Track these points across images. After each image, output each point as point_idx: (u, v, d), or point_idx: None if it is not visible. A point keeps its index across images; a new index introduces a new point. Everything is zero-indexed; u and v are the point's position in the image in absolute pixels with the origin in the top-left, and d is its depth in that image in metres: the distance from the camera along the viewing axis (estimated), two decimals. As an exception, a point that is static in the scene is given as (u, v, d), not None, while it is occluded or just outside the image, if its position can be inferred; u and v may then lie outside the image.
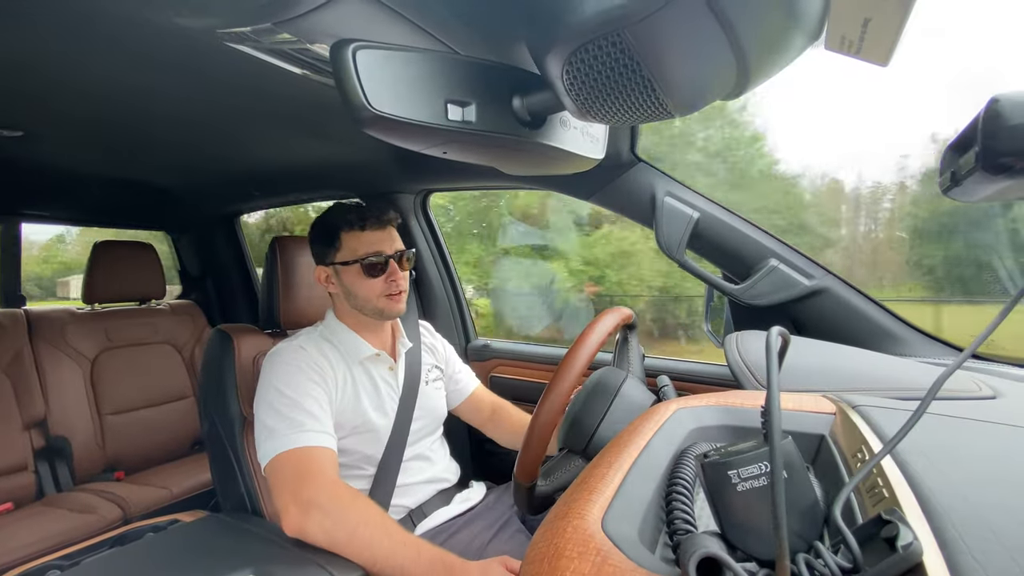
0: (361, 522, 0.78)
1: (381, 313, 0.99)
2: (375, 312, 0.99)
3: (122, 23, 0.68)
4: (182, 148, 1.37)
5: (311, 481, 0.80)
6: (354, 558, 0.76)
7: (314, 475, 0.81)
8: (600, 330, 0.78)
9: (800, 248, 1.07)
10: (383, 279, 0.97)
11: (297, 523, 0.78)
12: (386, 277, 0.98)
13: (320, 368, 0.93)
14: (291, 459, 0.82)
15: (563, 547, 0.37)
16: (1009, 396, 0.67)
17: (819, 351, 0.93)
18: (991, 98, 0.36)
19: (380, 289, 0.97)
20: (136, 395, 1.89)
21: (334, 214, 1.00)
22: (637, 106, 0.43)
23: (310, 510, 0.78)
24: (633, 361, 0.97)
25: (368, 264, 0.96)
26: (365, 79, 0.41)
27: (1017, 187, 0.37)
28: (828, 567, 0.31)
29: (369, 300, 0.98)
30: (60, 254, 4.06)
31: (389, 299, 0.98)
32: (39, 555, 1.27)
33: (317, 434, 0.85)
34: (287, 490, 0.80)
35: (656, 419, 0.58)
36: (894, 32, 0.36)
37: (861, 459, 0.42)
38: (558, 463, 0.79)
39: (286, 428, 0.84)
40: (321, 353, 0.96)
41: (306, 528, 0.78)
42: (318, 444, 0.85)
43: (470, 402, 1.22)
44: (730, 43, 0.37)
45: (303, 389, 0.88)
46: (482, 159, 0.58)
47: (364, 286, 0.97)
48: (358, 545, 0.76)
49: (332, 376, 0.95)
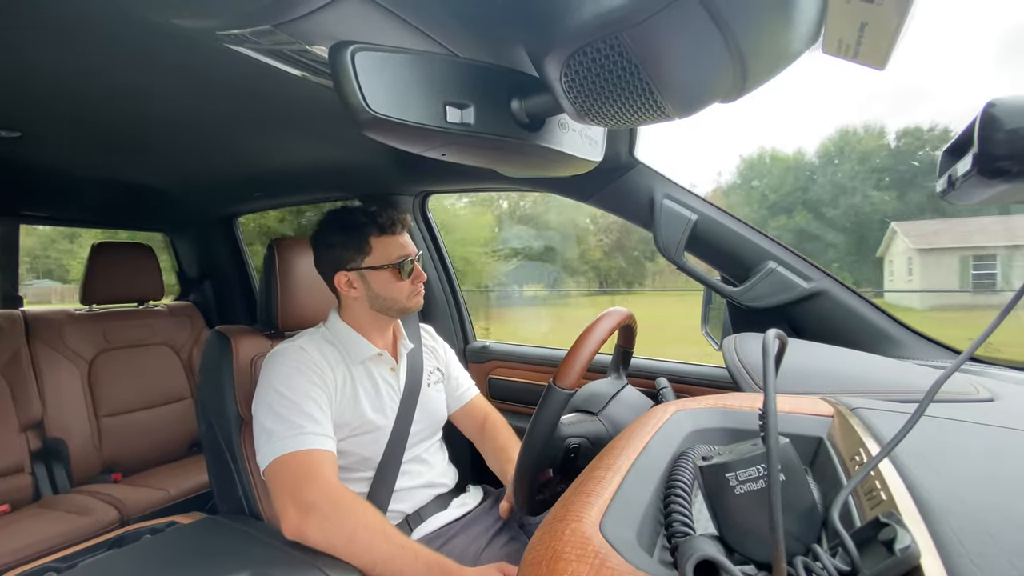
0: (360, 525, 0.78)
1: (407, 311, 1.04)
2: (401, 311, 1.03)
3: (121, 24, 0.68)
4: (181, 149, 1.37)
5: (310, 484, 0.80)
6: (353, 561, 0.76)
7: (313, 478, 0.81)
8: (596, 337, 0.78)
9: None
10: (411, 280, 1.02)
11: (296, 526, 0.78)
12: (414, 278, 1.02)
13: (320, 370, 0.93)
14: (290, 462, 0.82)
15: (561, 550, 0.37)
16: (1006, 399, 0.68)
17: (817, 354, 0.93)
18: (987, 102, 0.36)
19: (409, 290, 1.02)
20: (134, 397, 1.89)
21: (358, 219, 1.00)
22: (636, 109, 0.43)
23: (309, 513, 0.78)
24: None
25: (404, 268, 1.00)
26: (364, 81, 0.41)
27: (1013, 191, 0.37)
28: (826, 570, 0.31)
29: (399, 301, 1.01)
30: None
31: (414, 298, 1.03)
32: (36, 557, 1.26)
33: (317, 437, 0.85)
34: (286, 493, 0.80)
35: (654, 421, 0.58)
36: (891, 36, 0.36)
37: (859, 462, 0.42)
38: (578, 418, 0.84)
39: (285, 431, 0.84)
40: (322, 355, 0.96)
41: (305, 531, 0.78)
42: (318, 447, 0.85)
43: (467, 410, 1.23)
44: (728, 46, 0.37)
45: (303, 391, 0.88)
46: (481, 161, 0.58)
47: (396, 288, 1.00)
48: (357, 548, 0.77)
49: (332, 378, 0.95)
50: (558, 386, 0.72)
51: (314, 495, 0.79)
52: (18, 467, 1.61)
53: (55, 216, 2.10)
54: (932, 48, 3.76)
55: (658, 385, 1.06)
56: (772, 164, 7.49)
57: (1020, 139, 0.34)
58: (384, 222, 1.00)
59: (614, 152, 1.08)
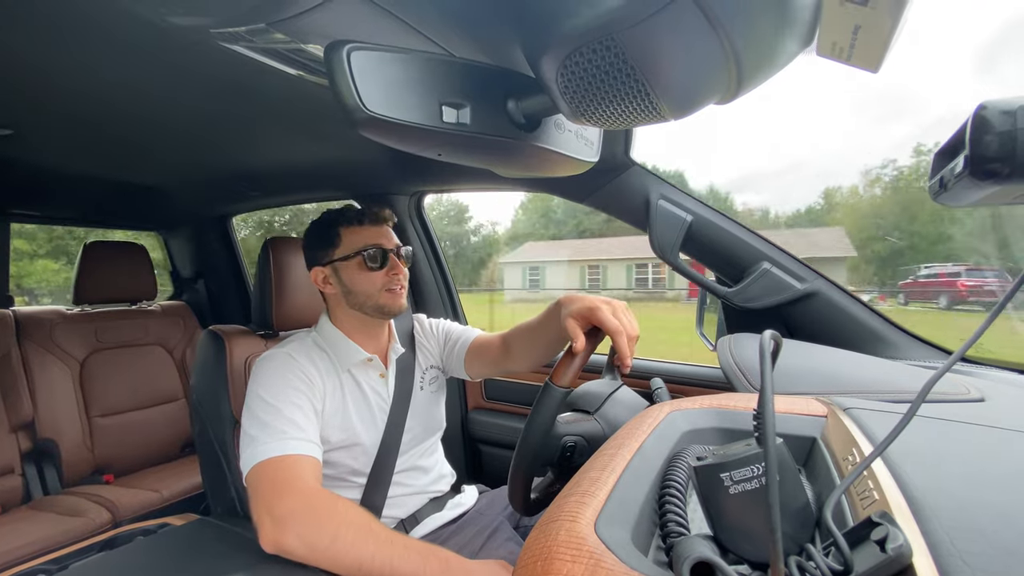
0: (342, 525, 0.74)
1: (382, 309, 0.97)
2: (376, 309, 0.97)
3: (114, 21, 0.68)
4: (175, 148, 1.36)
5: (287, 492, 0.76)
6: (339, 564, 0.72)
7: (291, 483, 0.77)
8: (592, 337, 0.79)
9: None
10: (384, 273, 0.96)
11: (272, 538, 0.73)
12: (387, 271, 0.96)
13: (308, 377, 0.90)
14: (269, 468, 0.79)
15: (556, 550, 0.37)
16: (997, 399, 0.68)
17: (811, 354, 0.94)
18: (979, 104, 0.36)
19: (381, 283, 0.96)
20: (126, 397, 1.87)
21: (331, 214, 1.00)
22: (631, 110, 0.43)
23: (286, 522, 0.73)
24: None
25: (369, 256, 0.95)
26: (360, 80, 0.41)
27: (1004, 192, 0.37)
28: (819, 569, 0.31)
29: (370, 295, 0.96)
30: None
31: (390, 293, 0.96)
32: (27, 559, 1.25)
33: (299, 442, 0.82)
34: (263, 503, 0.76)
35: (650, 422, 0.58)
36: (884, 39, 0.36)
37: (852, 461, 0.43)
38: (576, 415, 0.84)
39: (267, 437, 0.81)
40: (311, 361, 0.93)
41: (282, 542, 0.73)
42: (299, 452, 0.81)
43: (476, 351, 1.10)
44: (723, 48, 0.37)
45: (286, 397, 0.86)
46: (477, 161, 0.58)
47: (365, 280, 0.96)
48: (341, 548, 0.72)
49: (321, 386, 0.92)
50: (555, 384, 0.72)
51: (291, 503, 0.75)
52: (8, 468, 1.60)
53: (47, 215, 2.08)
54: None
55: (653, 385, 1.06)
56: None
57: (1011, 141, 0.35)
58: (352, 213, 0.98)
59: (610, 153, 1.08)
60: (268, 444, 0.80)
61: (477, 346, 1.10)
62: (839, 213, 11.79)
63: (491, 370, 1.09)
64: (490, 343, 1.09)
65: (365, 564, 0.71)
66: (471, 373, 1.12)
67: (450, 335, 1.15)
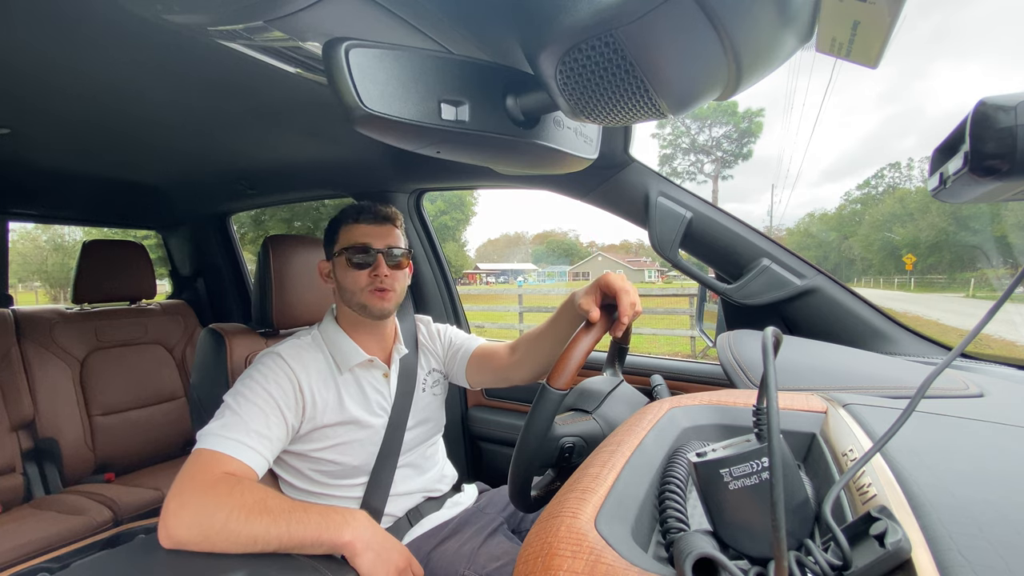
0: (235, 507, 0.69)
1: (364, 309, 0.96)
2: (359, 307, 0.96)
3: (111, 19, 0.68)
4: (173, 146, 1.36)
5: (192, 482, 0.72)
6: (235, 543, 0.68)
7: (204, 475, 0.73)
8: (590, 336, 0.78)
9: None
10: (368, 272, 0.95)
11: (167, 531, 0.69)
12: (371, 271, 0.95)
13: (290, 380, 0.89)
14: (199, 459, 0.76)
15: (556, 546, 0.37)
16: (996, 394, 0.68)
17: (810, 350, 0.94)
18: (979, 101, 0.36)
19: (364, 282, 0.95)
20: (126, 396, 1.87)
21: (343, 210, 1.01)
22: (631, 106, 0.43)
23: (178, 512, 0.69)
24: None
25: (352, 251, 0.95)
26: (358, 78, 0.41)
27: (1004, 189, 0.37)
28: (819, 564, 0.31)
29: (354, 293, 0.96)
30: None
31: (372, 295, 0.95)
32: (28, 558, 1.26)
33: (240, 446, 0.79)
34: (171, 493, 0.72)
35: (649, 418, 0.58)
36: (883, 35, 0.36)
37: (851, 457, 0.43)
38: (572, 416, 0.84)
39: (218, 428, 0.80)
40: (300, 363, 0.91)
41: (175, 532, 0.68)
42: (235, 455, 0.78)
43: (478, 360, 1.11)
44: (723, 44, 0.37)
45: (256, 398, 0.84)
46: (476, 159, 0.58)
47: (348, 277, 0.95)
48: (233, 528, 0.68)
49: (307, 388, 0.90)
50: (551, 387, 0.72)
51: (189, 492, 0.71)
52: (9, 467, 1.60)
53: (45, 214, 2.08)
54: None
55: (653, 382, 1.06)
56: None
57: (1011, 137, 0.35)
58: (352, 210, 0.98)
59: (609, 150, 1.08)
60: (212, 436, 0.79)
61: (479, 355, 1.11)
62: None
63: (492, 379, 1.11)
64: (494, 352, 1.10)
65: (260, 537, 0.69)
66: (471, 381, 1.14)
67: (453, 342, 1.17)
